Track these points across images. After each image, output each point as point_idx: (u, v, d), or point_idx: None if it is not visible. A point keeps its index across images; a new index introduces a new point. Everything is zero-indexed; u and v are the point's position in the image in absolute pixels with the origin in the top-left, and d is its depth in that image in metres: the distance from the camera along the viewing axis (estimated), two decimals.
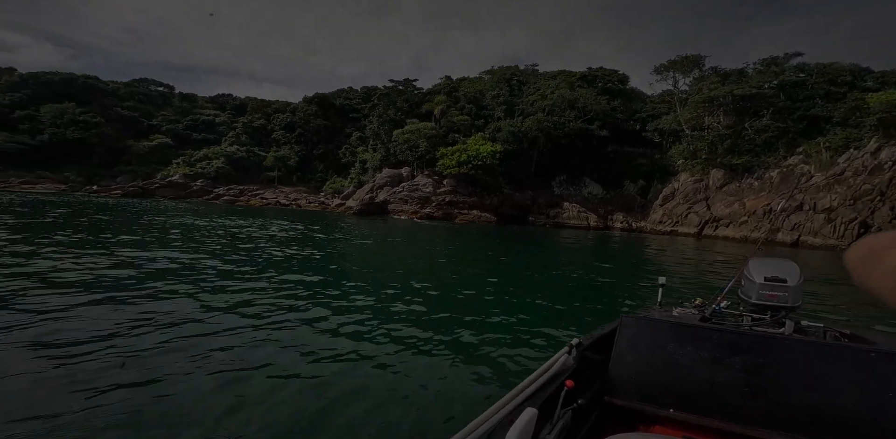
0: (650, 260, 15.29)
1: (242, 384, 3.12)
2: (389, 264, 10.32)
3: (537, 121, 37.41)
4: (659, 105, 44.13)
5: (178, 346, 3.74)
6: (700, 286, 9.07)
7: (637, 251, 18.57)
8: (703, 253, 18.55)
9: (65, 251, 8.38)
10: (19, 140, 54.15)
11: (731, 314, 2.32)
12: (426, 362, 3.74)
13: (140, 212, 21.81)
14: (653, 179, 38.32)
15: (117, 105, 63.68)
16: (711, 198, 32.08)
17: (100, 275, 6.48)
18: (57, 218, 16.14)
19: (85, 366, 3.27)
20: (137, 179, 52.79)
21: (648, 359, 1.80)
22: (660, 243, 23.07)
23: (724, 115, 35.07)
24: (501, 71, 49.72)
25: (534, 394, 1.45)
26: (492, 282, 8.47)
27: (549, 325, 5.12)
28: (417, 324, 4.89)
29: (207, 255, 9.20)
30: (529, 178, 39.05)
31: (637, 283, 9.55)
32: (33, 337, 3.77)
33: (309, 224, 21.32)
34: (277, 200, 47.80)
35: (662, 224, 32.28)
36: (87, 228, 12.99)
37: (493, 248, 16.24)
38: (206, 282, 6.39)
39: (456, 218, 33.93)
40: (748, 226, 27.49)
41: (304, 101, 59.77)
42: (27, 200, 27.81)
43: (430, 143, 38.40)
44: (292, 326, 4.53)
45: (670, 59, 43.14)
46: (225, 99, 74.11)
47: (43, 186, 49.91)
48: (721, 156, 33.37)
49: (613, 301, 7.38)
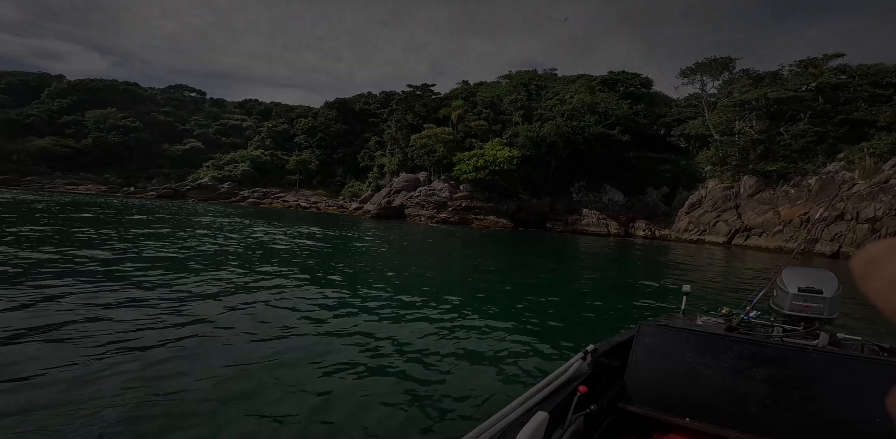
0: (674, 268, 14.51)
1: (258, 374, 3.24)
2: (408, 267, 10.26)
3: (556, 126, 36.79)
4: (685, 109, 42.58)
5: (187, 345, 3.84)
6: (728, 296, 8.58)
7: (661, 259, 17.72)
8: (732, 262, 17.52)
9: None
10: (65, 144, 58.24)
11: (760, 324, 2.24)
12: (439, 364, 3.74)
13: (181, 222, 17.80)
14: (678, 186, 36.82)
15: (154, 110, 67.57)
16: (742, 206, 30.43)
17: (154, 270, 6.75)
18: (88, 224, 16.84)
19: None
20: (170, 181, 55.51)
21: (667, 367, 1.78)
22: (685, 251, 21.98)
23: (756, 120, 33.38)
24: (519, 75, 49.44)
25: (546, 398, 1.45)
26: (508, 286, 8.39)
27: (565, 331, 5.06)
28: (432, 326, 4.89)
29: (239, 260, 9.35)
30: (547, 184, 38.33)
31: (659, 291, 9.14)
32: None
33: (329, 228, 21.52)
34: (298, 203, 49.02)
35: (688, 232, 30.84)
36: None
37: (510, 253, 15.90)
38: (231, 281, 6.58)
39: (472, 223, 33.64)
40: (783, 235, 25.84)
41: (325, 106, 61.46)
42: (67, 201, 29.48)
43: (446, 148, 38.45)
44: (314, 333, 4.49)
45: (697, 62, 41.68)
46: (252, 104, 77.26)
47: (85, 188, 53.21)
48: (754, 163, 31.68)
49: (634, 308, 7.13)
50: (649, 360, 1.82)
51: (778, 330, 2.10)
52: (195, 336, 4.03)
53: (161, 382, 3.06)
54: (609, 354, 1.94)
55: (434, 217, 34.12)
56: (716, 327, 2.09)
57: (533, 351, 4.27)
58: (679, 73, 43.10)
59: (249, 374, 3.27)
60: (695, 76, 42.32)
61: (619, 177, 38.32)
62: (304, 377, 3.31)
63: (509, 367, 3.79)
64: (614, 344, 2.02)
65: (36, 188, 49.40)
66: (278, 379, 3.23)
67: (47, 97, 64.25)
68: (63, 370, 3.14)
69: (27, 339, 3.67)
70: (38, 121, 60.16)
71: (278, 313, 5.04)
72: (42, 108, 62.19)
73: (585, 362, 1.72)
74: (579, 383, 1.57)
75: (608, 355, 1.93)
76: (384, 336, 4.44)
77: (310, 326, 4.61)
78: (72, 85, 67.33)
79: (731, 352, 1.68)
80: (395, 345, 4.17)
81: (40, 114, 61.08)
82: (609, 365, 1.92)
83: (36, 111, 61.38)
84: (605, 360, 1.90)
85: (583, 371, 1.68)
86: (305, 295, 6.07)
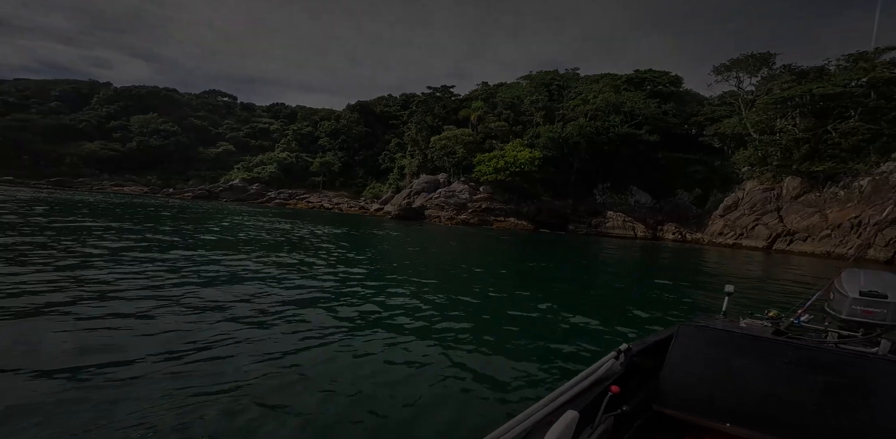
0: (710, 271, 13.58)
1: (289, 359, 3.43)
2: (432, 269, 10.14)
3: (579, 126, 35.83)
4: (719, 107, 40.48)
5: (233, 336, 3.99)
6: (773, 299, 7.89)
7: (694, 262, 16.65)
8: (774, 267, 16.21)
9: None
10: (112, 147, 62.43)
11: (812, 329, 2.15)
12: (467, 362, 3.71)
13: (225, 226, 17.01)
14: (711, 188, 34.90)
15: (191, 115, 71.37)
16: (784, 208, 28.36)
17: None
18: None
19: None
20: (205, 183, 58.26)
21: (707, 370, 1.72)
22: (721, 255, 20.65)
23: (800, 117, 31.19)
24: (540, 76, 48.71)
25: (576, 397, 1.43)
26: (534, 285, 8.16)
27: (594, 331, 4.96)
28: (459, 326, 4.84)
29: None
30: (569, 186, 37.30)
31: (695, 293, 8.57)
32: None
33: (353, 229, 21.65)
34: (322, 204, 50.13)
35: (723, 236, 29.03)
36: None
37: (533, 254, 15.45)
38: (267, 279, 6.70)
39: (492, 224, 33.16)
40: (831, 240, 23.80)
41: (347, 109, 62.90)
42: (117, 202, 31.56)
43: (466, 150, 38.24)
44: (349, 330, 4.48)
45: (733, 58, 39.61)
46: (278, 108, 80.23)
47: (129, 189, 56.70)
48: (797, 163, 29.52)
49: (668, 308, 6.75)
50: (688, 362, 1.77)
51: (833, 335, 2.00)
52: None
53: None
54: (643, 354, 1.91)
55: (454, 218, 33.89)
56: (762, 330, 2.02)
57: (561, 350, 4.19)
58: (712, 70, 41.10)
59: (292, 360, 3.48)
60: (729, 73, 40.21)
61: (646, 178, 36.77)
62: (326, 368, 3.39)
63: (536, 365, 3.73)
64: (649, 344, 1.98)
65: (87, 189, 53.05)
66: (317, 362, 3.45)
67: (96, 103, 69.23)
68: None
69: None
70: (88, 126, 64.88)
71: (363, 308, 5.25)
72: (92, 114, 67.05)
73: (618, 361, 1.69)
74: (611, 383, 1.56)
75: (642, 355, 1.90)
76: (411, 332, 4.42)
77: (345, 326, 4.57)
78: (118, 91, 72.29)
79: (780, 357, 1.63)
80: (421, 341, 4.15)
81: (90, 119, 65.86)
82: (642, 366, 1.88)
83: (86, 117, 66.25)
84: (639, 360, 1.86)
85: (615, 370, 1.66)
86: (350, 297, 6.09)
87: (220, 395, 2.80)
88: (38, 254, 7.11)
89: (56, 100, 69.44)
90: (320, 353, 3.68)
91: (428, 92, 49.90)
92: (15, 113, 62.22)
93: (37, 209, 17.31)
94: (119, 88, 73.69)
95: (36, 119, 62.48)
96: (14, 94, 68.99)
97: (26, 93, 70.35)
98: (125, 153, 62.22)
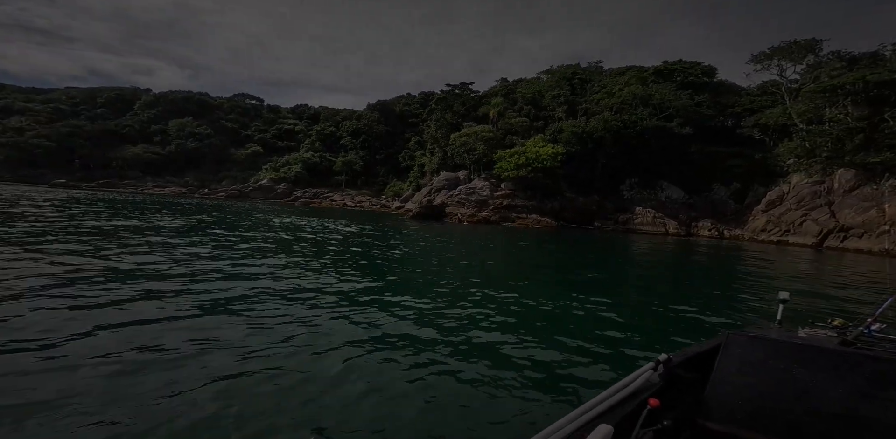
0: (757, 271, 12.42)
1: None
2: (450, 268, 9.75)
3: (604, 120, 34.54)
4: (759, 97, 38.04)
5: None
6: (833, 306, 7.10)
7: (737, 261, 15.43)
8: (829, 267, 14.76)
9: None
10: (154, 151, 66.17)
11: (887, 339, 2.02)
12: (492, 369, 3.55)
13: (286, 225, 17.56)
14: (752, 182, 32.70)
15: (222, 118, 74.56)
16: (836, 203, 26.10)
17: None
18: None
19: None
20: (236, 183, 60.65)
21: (762, 383, 1.61)
22: (765, 253, 19.14)
23: (852, 106, 28.69)
24: (561, 70, 47.50)
25: (609, 410, 1.36)
26: (561, 287, 7.63)
27: (629, 339, 4.64)
28: (488, 329, 4.66)
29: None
30: (594, 182, 35.98)
31: (742, 296, 7.73)
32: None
33: (376, 227, 21.64)
34: (344, 202, 50.98)
35: (766, 232, 27.05)
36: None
37: (559, 253, 14.84)
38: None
39: (514, 222, 32.40)
40: (890, 237, 21.63)
41: (367, 109, 63.81)
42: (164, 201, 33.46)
43: (487, 146, 37.71)
44: (373, 334, 4.36)
45: (773, 46, 37.11)
46: (302, 109, 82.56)
47: (169, 189, 59.83)
48: (851, 154, 27.15)
49: (709, 314, 6.08)
50: (740, 374, 1.66)
51: None
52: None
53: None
54: (685, 365, 1.80)
55: (475, 216, 33.39)
56: (825, 341, 1.90)
57: (593, 359, 3.96)
58: (750, 59, 38.73)
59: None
60: (770, 61, 37.75)
61: (677, 172, 34.94)
62: (361, 377, 3.24)
63: (565, 375, 3.53)
64: (691, 355, 1.87)
65: (131, 190, 56.40)
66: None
67: (138, 109, 73.63)
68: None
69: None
70: (131, 130, 69.09)
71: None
72: (135, 119, 71.35)
73: (656, 373, 1.61)
74: (649, 395, 1.48)
75: (684, 366, 1.79)
76: (431, 336, 4.31)
77: (370, 330, 4.46)
78: (157, 97, 76.64)
79: (855, 371, 1.51)
80: (447, 345, 4.03)
81: (133, 124, 70.10)
82: (683, 378, 1.77)
83: (130, 122, 70.56)
84: (680, 372, 1.76)
85: (653, 382, 1.57)
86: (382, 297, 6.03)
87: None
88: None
89: (102, 106, 74.38)
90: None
91: (447, 90, 49.78)
92: (66, 120, 67.18)
93: (121, 210, 18.43)
94: (158, 94, 78.11)
95: (85, 125, 67.13)
96: (65, 101, 74.48)
97: (76, 100, 75.78)
98: (165, 156, 65.77)
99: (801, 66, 36.32)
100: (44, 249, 7.09)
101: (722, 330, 2.03)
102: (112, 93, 78.84)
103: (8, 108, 67.38)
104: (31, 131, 61.90)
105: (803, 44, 35.70)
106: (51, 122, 65.67)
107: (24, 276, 5.19)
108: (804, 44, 35.67)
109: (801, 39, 35.75)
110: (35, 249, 7.02)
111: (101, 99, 76.33)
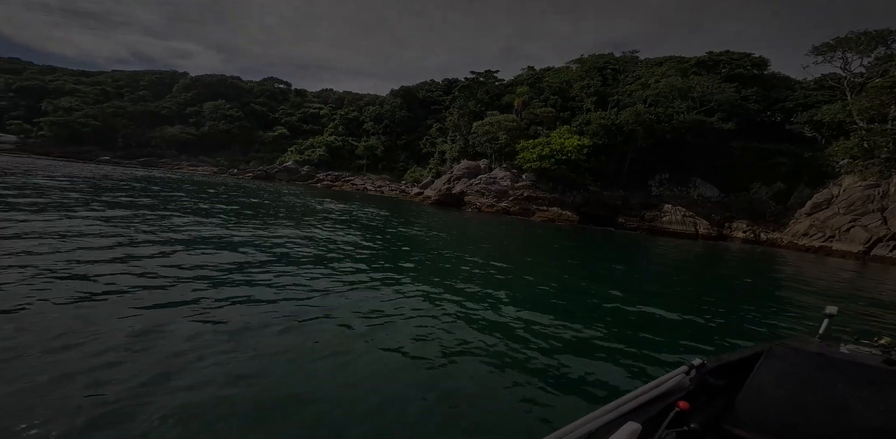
0: (797, 280, 11.38)
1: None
2: (469, 258, 9.45)
3: (636, 112, 32.56)
4: (815, 92, 34.72)
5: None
6: (883, 323, 6.57)
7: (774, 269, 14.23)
8: (878, 279, 13.33)
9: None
10: (189, 131, 69.15)
11: None
12: (520, 364, 3.64)
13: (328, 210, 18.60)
14: (798, 182, 30.17)
15: (252, 101, 76.49)
16: (890, 209, 23.62)
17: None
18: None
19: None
20: (263, 164, 62.48)
21: (799, 396, 1.59)
22: (803, 261, 17.60)
23: None
24: (592, 59, 45.04)
25: (637, 409, 1.39)
26: (587, 287, 7.36)
27: (659, 344, 4.57)
28: (516, 327, 4.67)
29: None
30: (621, 176, 34.32)
31: (779, 309, 7.15)
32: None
33: (396, 215, 21.40)
34: (365, 186, 51.41)
35: (808, 237, 24.96)
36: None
37: (586, 252, 14.22)
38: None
39: (533, 214, 31.53)
40: None
41: (390, 94, 63.47)
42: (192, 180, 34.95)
43: (509, 136, 36.64)
44: (398, 326, 4.47)
45: (838, 37, 33.47)
46: (327, 93, 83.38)
47: (202, 169, 62.55)
48: None
49: (746, 323, 5.88)
50: (777, 385, 1.66)
51: None
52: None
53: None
54: (717, 372, 1.80)
55: (494, 206, 32.76)
56: (868, 358, 1.83)
57: (620, 362, 4.01)
58: (811, 51, 35.11)
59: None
60: (833, 53, 34.13)
61: (713, 169, 32.70)
62: (389, 373, 3.32)
63: (594, 375, 3.59)
64: (726, 362, 1.88)
65: (168, 168, 59.38)
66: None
67: (177, 91, 76.75)
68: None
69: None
70: (170, 112, 72.34)
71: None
72: (173, 101, 74.51)
73: (688, 377, 1.64)
74: (679, 397, 1.50)
75: (716, 373, 1.80)
76: (459, 332, 4.33)
77: (395, 321, 4.59)
78: (193, 80, 79.50)
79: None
80: (472, 341, 4.10)
81: (171, 106, 73.28)
82: (714, 384, 1.78)
83: (168, 104, 73.79)
84: (712, 379, 1.77)
85: (683, 385, 1.59)
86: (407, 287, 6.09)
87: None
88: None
89: (143, 88, 78.05)
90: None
91: (471, 77, 48.52)
92: (112, 101, 71.08)
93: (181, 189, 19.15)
94: (194, 77, 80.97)
95: (128, 106, 70.85)
96: (111, 84, 78.63)
97: (120, 82, 79.86)
98: (199, 136, 68.63)
99: (869, 58, 32.63)
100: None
101: (760, 343, 2.03)
102: (153, 76, 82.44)
103: (59, 89, 71.82)
104: (80, 111, 65.87)
105: (874, 34, 31.97)
106: (97, 103, 69.66)
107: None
108: (875, 34, 31.93)
109: (871, 30, 32.05)
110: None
111: (144, 82, 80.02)
